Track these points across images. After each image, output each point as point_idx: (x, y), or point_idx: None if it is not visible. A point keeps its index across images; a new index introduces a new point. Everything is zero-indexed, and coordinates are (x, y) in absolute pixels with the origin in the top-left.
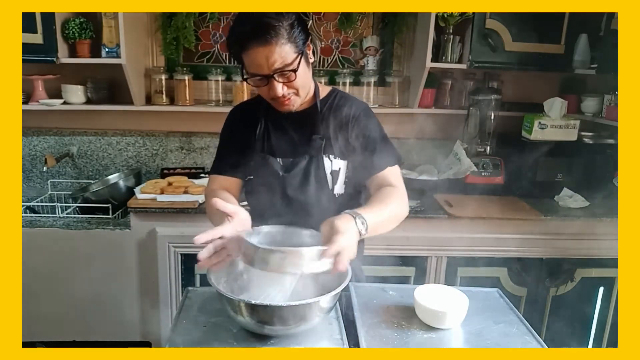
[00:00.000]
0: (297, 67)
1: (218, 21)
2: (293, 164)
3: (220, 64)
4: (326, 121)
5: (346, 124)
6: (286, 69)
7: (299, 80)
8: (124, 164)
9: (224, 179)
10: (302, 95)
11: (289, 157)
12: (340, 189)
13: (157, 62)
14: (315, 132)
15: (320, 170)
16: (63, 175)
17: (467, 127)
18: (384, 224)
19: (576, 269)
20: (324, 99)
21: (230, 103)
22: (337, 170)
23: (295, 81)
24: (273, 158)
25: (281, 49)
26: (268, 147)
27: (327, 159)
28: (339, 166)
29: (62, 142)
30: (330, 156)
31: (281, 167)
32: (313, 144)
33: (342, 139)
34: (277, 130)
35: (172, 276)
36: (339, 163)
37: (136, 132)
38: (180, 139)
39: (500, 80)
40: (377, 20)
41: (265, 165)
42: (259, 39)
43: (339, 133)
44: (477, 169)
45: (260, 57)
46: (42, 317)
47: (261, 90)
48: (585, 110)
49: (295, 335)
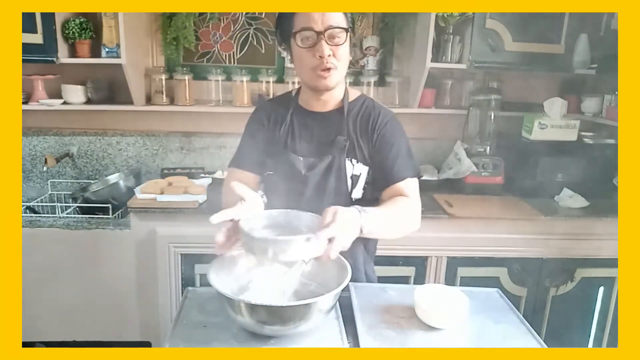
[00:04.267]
0: (348, 30)
1: (218, 21)
2: (315, 163)
3: (220, 64)
4: (352, 124)
5: (372, 130)
6: (340, 26)
7: (344, 52)
8: (124, 164)
9: (242, 173)
10: (340, 74)
11: (312, 157)
12: (358, 194)
13: (157, 62)
14: (340, 133)
15: (341, 173)
16: (63, 175)
17: (467, 127)
18: (388, 228)
19: (576, 269)
20: (352, 102)
21: (230, 103)
22: (357, 175)
23: (342, 50)
24: (295, 156)
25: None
26: (292, 145)
27: (350, 162)
28: (360, 171)
29: (62, 142)
30: (352, 160)
31: (303, 165)
32: (337, 145)
33: (366, 145)
34: (302, 128)
35: (172, 276)
36: (361, 168)
37: (136, 132)
38: (180, 139)
39: (500, 80)
40: (377, 20)
41: (287, 162)
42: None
43: (364, 138)
44: (477, 169)
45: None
46: (42, 317)
47: (304, 55)
48: (585, 110)
49: (295, 335)
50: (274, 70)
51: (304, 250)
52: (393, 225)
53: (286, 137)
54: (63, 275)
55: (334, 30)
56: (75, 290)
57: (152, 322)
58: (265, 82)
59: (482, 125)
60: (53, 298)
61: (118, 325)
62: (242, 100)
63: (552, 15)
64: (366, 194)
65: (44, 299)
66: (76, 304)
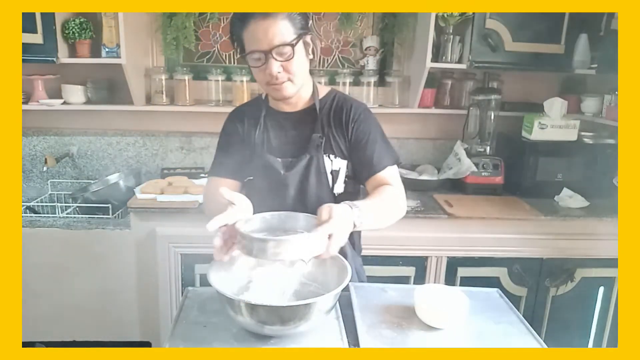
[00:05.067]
0: (295, 44)
1: (218, 21)
2: (293, 163)
3: (220, 64)
4: (326, 120)
5: (346, 124)
6: (285, 44)
7: (296, 63)
8: (124, 164)
9: (223, 181)
10: (297, 84)
11: (289, 157)
12: (340, 188)
13: (157, 62)
14: (315, 131)
15: (320, 169)
16: (63, 175)
17: (467, 127)
18: (379, 218)
19: (576, 269)
20: (323, 98)
21: (230, 103)
22: (337, 170)
23: (292, 63)
24: (273, 157)
25: (281, 24)
26: (268, 147)
27: (327, 158)
28: (339, 166)
29: (62, 142)
30: (330, 155)
31: (282, 166)
32: (313, 143)
33: (342, 139)
34: (276, 130)
35: (172, 276)
36: (339, 162)
37: (136, 132)
38: (180, 139)
39: (500, 80)
40: (377, 20)
41: (266, 165)
42: (258, 14)
43: (339, 132)
44: (477, 169)
45: (259, 30)
46: (42, 317)
47: (258, 72)
48: (585, 110)
49: (295, 335)
50: None
51: (304, 249)
52: (383, 215)
53: (262, 140)
54: (63, 275)
55: (280, 47)
56: (75, 290)
57: (152, 322)
58: None
59: (482, 125)
60: (53, 298)
61: (118, 325)
62: (242, 100)
63: (552, 15)
64: (347, 188)
65: (44, 299)
66: (76, 304)
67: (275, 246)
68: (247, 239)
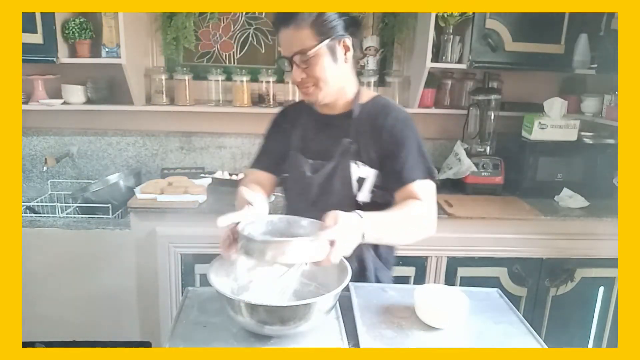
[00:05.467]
0: (312, 54)
1: (218, 21)
2: (320, 166)
3: (220, 64)
4: (361, 127)
5: (379, 132)
6: (302, 52)
7: (318, 69)
8: (124, 164)
9: (259, 173)
10: (324, 90)
11: (320, 159)
12: (365, 197)
13: (157, 62)
14: (347, 136)
15: (345, 175)
16: (63, 175)
17: (467, 127)
18: (394, 233)
19: (576, 269)
20: (364, 104)
21: (230, 103)
22: (363, 178)
23: (314, 69)
24: (304, 159)
25: (301, 33)
26: (303, 148)
27: (355, 165)
28: (367, 174)
29: (62, 142)
30: (358, 162)
31: (310, 168)
32: (341, 148)
33: (374, 147)
34: (313, 131)
35: (172, 276)
36: (367, 171)
37: (136, 132)
38: (180, 139)
39: (500, 80)
40: (377, 20)
41: (296, 165)
42: (283, 22)
43: (372, 140)
44: (477, 169)
45: (283, 37)
46: (42, 317)
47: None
48: (585, 110)
49: (295, 335)
50: (274, 70)
51: (303, 253)
52: (400, 230)
53: (298, 139)
54: (63, 275)
55: (300, 56)
56: (75, 290)
57: (152, 322)
58: (265, 82)
59: (482, 125)
60: (53, 298)
61: (118, 325)
62: (242, 100)
63: (552, 15)
64: (376, 198)
65: (44, 299)
66: (76, 304)
67: (273, 248)
68: (246, 240)
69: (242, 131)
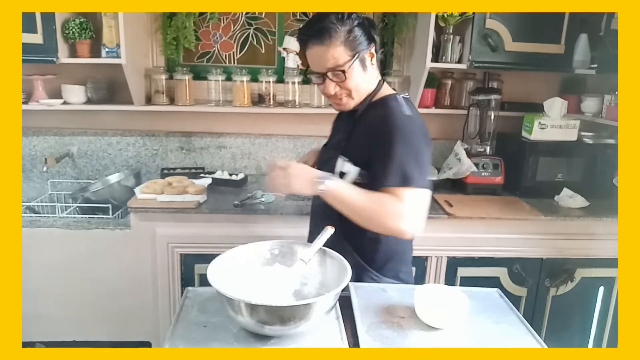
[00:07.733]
0: (347, 69)
1: (218, 21)
2: (324, 157)
3: (220, 64)
4: (361, 125)
5: (371, 135)
6: (337, 69)
7: (352, 82)
8: (124, 164)
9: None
10: (356, 98)
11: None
12: None
13: (157, 62)
14: (346, 132)
15: (329, 169)
16: (63, 175)
17: (467, 127)
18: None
19: (576, 269)
20: (373, 102)
21: (230, 103)
22: (345, 173)
23: (347, 82)
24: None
25: (334, 51)
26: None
27: (340, 160)
28: (349, 170)
29: (62, 142)
30: (344, 158)
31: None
32: (336, 143)
33: (362, 146)
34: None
35: (172, 276)
36: (350, 167)
37: (136, 132)
38: (180, 139)
39: (500, 80)
40: (377, 20)
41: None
42: (315, 39)
43: (364, 139)
44: (477, 169)
45: (314, 56)
46: (42, 317)
47: (320, 87)
48: (585, 110)
49: (295, 335)
50: (274, 70)
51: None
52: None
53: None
54: (63, 275)
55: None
56: (76, 290)
57: (152, 322)
58: (265, 82)
59: (482, 125)
60: (53, 298)
61: (118, 325)
62: (242, 100)
63: (552, 15)
64: None
65: (44, 299)
66: (76, 304)
67: None
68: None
69: (242, 131)
